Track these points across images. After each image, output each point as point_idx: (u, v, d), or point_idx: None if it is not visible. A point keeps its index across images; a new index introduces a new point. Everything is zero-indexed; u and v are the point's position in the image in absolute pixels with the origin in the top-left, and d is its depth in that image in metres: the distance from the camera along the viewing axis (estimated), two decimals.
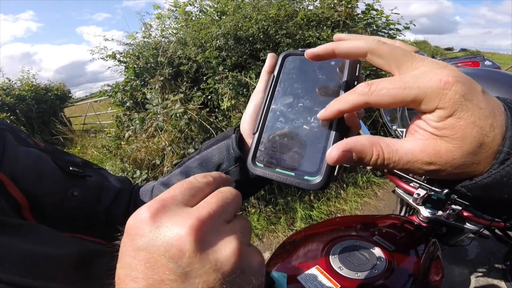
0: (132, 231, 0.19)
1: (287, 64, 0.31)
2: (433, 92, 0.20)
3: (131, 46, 2.95)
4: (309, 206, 2.36)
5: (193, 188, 0.21)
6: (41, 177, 0.37)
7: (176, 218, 0.19)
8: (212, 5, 3.13)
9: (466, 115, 0.19)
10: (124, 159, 2.44)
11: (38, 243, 0.29)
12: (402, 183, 0.80)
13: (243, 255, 0.19)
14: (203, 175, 0.23)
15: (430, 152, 0.21)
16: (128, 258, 0.19)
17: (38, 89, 6.86)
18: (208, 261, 0.18)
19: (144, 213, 0.19)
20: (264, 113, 0.30)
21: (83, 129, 6.55)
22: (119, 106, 3.03)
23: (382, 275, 0.59)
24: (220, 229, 0.20)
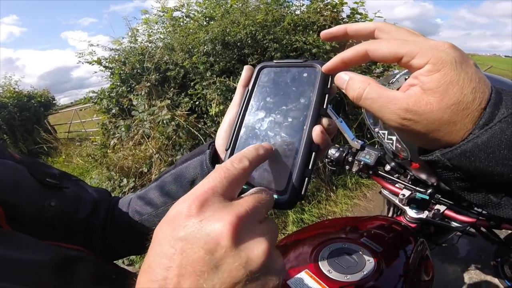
0: (175, 221, 0.20)
1: (262, 77, 0.30)
2: (427, 48, 0.22)
3: (117, 51, 2.92)
4: (300, 209, 2.36)
5: (229, 176, 0.22)
6: (17, 188, 0.37)
7: (217, 213, 0.20)
8: (200, 10, 3.14)
9: (452, 74, 0.21)
10: (111, 167, 2.39)
11: (15, 249, 0.29)
12: (387, 184, 0.81)
13: (271, 256, 0.21)
14: (239, 159, 0.23)
15: (410, 100, 0.22)
16: (166, 246, 0.20)
17: (20, 96, 6.61)
18: (240, 257, 0.19)
19: (189, 207, 0.20)
20: (237, 129, 0.29)
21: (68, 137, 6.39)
22: (104, 113, 2.98)
23: (372, 276, 0.60)
24: (254, 229, 0.21)
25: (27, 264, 0.29)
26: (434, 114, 0.21)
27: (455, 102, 0.21)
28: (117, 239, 0.47)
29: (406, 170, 0.79)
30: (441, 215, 0.74)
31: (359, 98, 0.24)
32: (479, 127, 0.20)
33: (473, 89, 0.21)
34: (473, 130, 0.21)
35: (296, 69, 0.28)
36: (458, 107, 0.21)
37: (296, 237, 0.77)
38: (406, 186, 0.76)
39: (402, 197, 0.75)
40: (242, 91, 0.33)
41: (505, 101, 0.21)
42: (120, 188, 2.30)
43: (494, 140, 0.20)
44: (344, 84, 0.25)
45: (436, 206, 0.74)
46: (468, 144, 0.21)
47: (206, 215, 0.20)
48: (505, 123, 0.20)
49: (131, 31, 2.96)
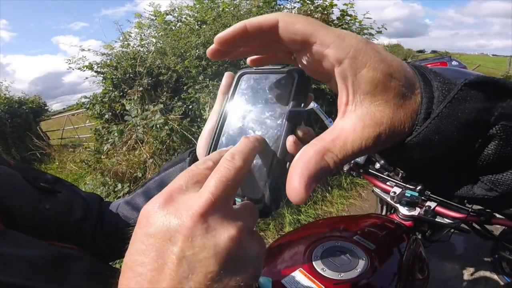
0: (144, 220, 0.20)
1: (242, 84, 0.30)
2: (346, 37, 0.19)
3: (109, 56, 2.90)
4: (297, 210, 2.37)
5: (194, 175, 0.22)
6: (12, 192, 0.39)
7: (181, 207, 0.20)
8: (192, 14, 3.14)
9: (381, 66, 0.19)
10: (105, 173, 2.37)
11: (11, 245, 0.30)
12: (378, 183, 0.82)
13: (242, 242, 0.20)
14: (203, 161, 0.23)
15: (370, 124, 0.19)
16: (138, 244, 0.20)
17: (11, 102, 6.49)
18: (207, 246, 0.19)
19: (155, 204, 0.20)
20: (216, 137, 0.28)
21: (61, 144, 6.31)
22: (97, 119, 2.95)
23: (365, 274, 0.60)
24: (222, 214, 0.20)
25: (22, 259, 0.30)
26: (393, 119, 0.19)
27: (400, 97, 0.19)
28: (106, 242, 0.49)
29: (396, 168, 0.80)
30: (433, 212, 0.75)
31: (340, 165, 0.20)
32: (422, 119, 0.19)
33: (405, 77, 0.19)
34: (416, 123, 0.19)
35: (274, 75, 0.28)
36: (404, 102, 0.19)
37: (290, 237, 0.78)
38: (397, 183, 0.77)
39: (393, 194, 0.76)
40: (222, 99, 0.33)
41: (433, 81, 0.20)
42: (114, 193, 2.28)
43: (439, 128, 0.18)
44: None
45: (427, 203, 0.75)
46: (419, 136, 0.19)
47: (171, 210, 0.20)
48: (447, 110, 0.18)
49: (123, 36, 2.96)
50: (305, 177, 0.19)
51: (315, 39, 0.19)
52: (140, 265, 0.19)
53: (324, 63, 0.20)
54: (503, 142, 0.18)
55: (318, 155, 0.19)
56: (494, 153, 0.19)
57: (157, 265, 0.19)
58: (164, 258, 0.19)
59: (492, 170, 0.20)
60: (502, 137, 0.18)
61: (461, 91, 0.18)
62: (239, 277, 0.20)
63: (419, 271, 0.73)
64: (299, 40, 0.20)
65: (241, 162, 0.22)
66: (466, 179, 0.21)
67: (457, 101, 0.18)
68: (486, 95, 0.19)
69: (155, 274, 0.19)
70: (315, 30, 0.19)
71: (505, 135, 0.18)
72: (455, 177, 0.22)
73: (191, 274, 0.18)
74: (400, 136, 0.20)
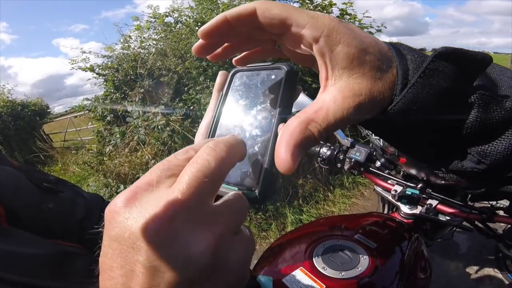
0: (107, 221, 0.18)
1: (235, 81, 0.31)
2: (319, 18, 0.20)
3: (110, 58, 2.93)
4: (299, 210, 2.37)
5: (170, 168, 0.19)
6: (17, 192, 0.40)
7: (144, 207, 0.17)
8: (192, 15, 3.15)
9: (354, 42, 0.19)
10: (107, 174, 2.38)
11: (15, 243, 0.31)
12: (379, 181, 0.82)
13: (219, 249, 0.18)
14: (185, 150, 0.21)
15: (349, 95, 0.20)
16: (106, 247, 0.18)
17: (14, 105, 6.55)
18: (175, 257, 0.17)
19: (117, 203, 0.18)
20: (212, 132, 0.30)
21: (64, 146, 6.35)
22: (99, 121, 2.97)
23: (366, 273, 0.60)
24: (195, 217, 0.18)
25: (27, 257, 0.30)
26: (372, 90, 0.20)
27: (377, 69, 0.20)
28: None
29: (396, 166, 0.80)
30: (434, 210, 0.75)
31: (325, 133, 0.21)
32: (400, 90, 0.20)
33: (380, 52, 0.20)
34: (395, 93, 0.20)
35: (265, 71, 0.29)
36: (382, 75, 0.20)
37: (291, 236, 0.78)
38: (398, 182, 0.77)
39: (394, 193, 0.76)
40: (217, 96, 0.34)
41: (406, 55, 0.21)
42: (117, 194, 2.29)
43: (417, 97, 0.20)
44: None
45: (428, 201, 0.75)
46: (399, 104, 0.20)
47: (133, 211, 0.17)
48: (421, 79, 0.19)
49: (123, 38, 2.98)
50: (291, 146, 0.19)
51: (291, 21, 0.20)
52: (110, 269, 0.18)
53: (303, 43, 0.21)
54: (482, 109, 0.19)
55: (302, 125, 0.20)
56: (475, 121, 0.19)
57: (125, 270, 0.17)
58: (131, 265, 0.17)
59: (478, 142, 0.20)
60: (480, 104, 0.19)
61: (432, 62, 0.19)
62: (221, 282, 0.18)
63: (421, 270, 0.73)
64: (276, 24, 0.20)
65: (225, 153, 0.20)
66: (454, 152, 0.22)
67: (430, 71, 0.19)
68: (457, 65, 0.20)
69: (125, 279, 0.17)
70: (290, 14, 0.20)
71: (483, 102, 0.19)
72: (444, 150, 0.22)
73: (161, 284, 0.17)
74: (380, 106, 0.21)
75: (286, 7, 0.21)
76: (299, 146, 0.20)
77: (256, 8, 0.20)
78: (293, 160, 0.19)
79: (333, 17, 0.20)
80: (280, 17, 0.20)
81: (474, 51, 0.20)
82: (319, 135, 0.20)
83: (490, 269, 1.55)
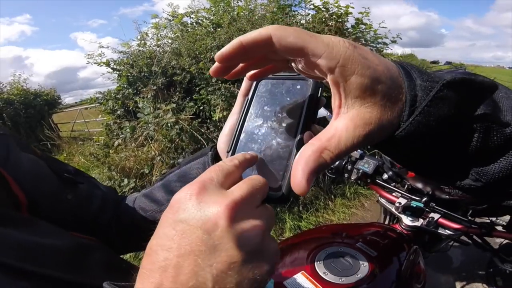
0: (176, 205, 0.22)
1: (260, 88, 0.33)
2: (334, 47, 0.20)
3: (126, 54, 2.97)
4: (298, 217, 2.37)
5: (223, 170, 0.24)
6: (39, 180, 0.40)
7: (214, 198, 0.21)
8: (208, 16, 3.19)
9: (368, 72, 0.20)
10: (112, 167, 2.41)
11: (36, 234, 0.31)
12: (384, 193, 0.84)
13: (265, 238, 0.22)
14: (230, 159, 0.26)
15: (360, 124, 0.21)
16: (167, 228, 0.21)
17: (27, 94, 6.68)
18: (236, 237, 0.20)
19: (188, 192, 0.22)
20: (237, 134, 0.31)
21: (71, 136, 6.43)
22: (109, 114, 3.01)
23: (366, 280, 0.62)
24: (249, 212, 0.22)
25: (46, 248, 0.31)
26: (382, 119, 0.21)
27: (388, 99, 0.21)
28: (121, 234, 0.50)
29: (403, 179, 0.82)
30: (435, 223, 0.76)
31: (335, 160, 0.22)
32: (407, 115, 0.21)
33: (391, 79, 0.21)
34: (402, 119, 0.21)
35: (291, 81, 0.31)
36: (391, 104, 0.21)
37: (292, 241, 0.79)
38: (403, 194, 0.79)
39: (398, 205, 0.78)
40: (242, 100, 0.36)
41: (416, 80, 0.22)
42: (120, 188, 2.31)
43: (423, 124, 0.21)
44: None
45: (430, 214, 0.77)
46: (404, 131, 0.21)
47: (205, 199, 0.21)
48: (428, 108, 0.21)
49: (140, 35, 3.03)
50: (306, 172, 0.22)
51: (307, 50, 0.21)
52: (168, 250, 0.20)
53: (318, 71, 0.22)
54: (483, 135, 0.21)
55: (316, 153, 0.22)
56: (476, 145, 0.22)
57: (184, 251, 0.20)
58: (192, 245, 0.20)
59: (478, 163, 0.23)
60: (481, 131, 0.21)
61: (440, 91, 0.21)
62: (257, 270, 0.21)
63: (416, 281, 0.74)
64: (293, 52, 0.22)
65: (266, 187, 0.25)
66: (457, 171, 0.24)
67: (437, 99, 0.21)
68: (464, 94, 0.21)
69: (180, 260, 0.20)
70: (306, 42, 0.21)
71: (484, 129, 0.21)
72: (447, 169, 0.24)
73: (215, 262, 0.20)
74: (388, 132, 0.22)
75: (301, 34, 0.21)
76: (313, 172, 0.22)
77: (271, 35, 0.21)
78: (307, 184, 0.22)
79: (349, 43, 0.21)
80: (296, 46, 0.21)
81: (481, 78, 0.22)
82: (331, 161, 0.22)
83: (479, 284, 1.55)
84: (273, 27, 0.22)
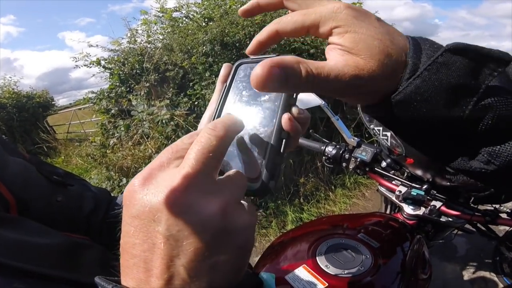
0: (127, 201, 0.20)
1: (239, 73, 0.31)
2: (326, 15, 0.22)
3: (116, 52, 2.93)
4: (299, 209, 2.38)
5: (178, 151, 0.21)
6: (28, 183, 0.40)
7: (160, 184, 0.19)
8: (199, 11, 3.15)
9: (361, 30, 0.21)
10: (110, 167, 2.40)
11: (28, 233, 0.31)
12: (384, 181, 0.82)
13: (228, 214, 0.20)
14: (189, 135, 0.23)
15: (352, 65, 0.21)
16: (126, 226, 0.20)
17: (19, 97, 6.60)
18: (192, 222, 0.19)
19: (135, 183, 0.20)
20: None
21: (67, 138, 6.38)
22: (104, 114, 2.99)
23: (369, 272, 0.60)
24: (205, 187, 0.20)
25: (38, 247, 0.30)
26: (376, 72, 0.21)
27: (385, 55, 0.21)
28: (112, 234, 0.50)
29: (402, 167, 0.80)
30: (438, 212, 0.75)
31: (313, 83, 0.21)
32: (406, 79, 0.21)
33: (391, 41, 0.21)
34: (401, 82, 0.21)
35: None
36: (388, 61, 0.21)
37: (293, 234, 0.78)
38: (403, 182, 0.77)
39: (398, 193, 0.76)
40: (221, 87, 0.34)
41: (424, 50, 0.21)
42: (119, 187, 2.31)
43: (421, 89, 0.20)
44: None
45: (432, 202, 0.75)
46: (400, 95, 0.21)
47: (150, 188, 0.19)
48: (427, 72, 0.20)
49: (130, 32, 2.98)
50: (269, 65, 0.20)
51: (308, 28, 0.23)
52: (132, 247, 0.19)
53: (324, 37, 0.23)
54: (498, 111, 0.19)
55: (293, 59, 0.21)
56: (489, 122, 0.20)
57: (148, 245, 0.19)
58: (152, 238, 0.19)
59: (490, 142, 0.20)
60: (497, 106, 0.19)
61: (442, 56, 0.19)
62: (229, 249, 0.20)
63: (422, 271, 0.73)
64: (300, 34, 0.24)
65: (223, 131, 0.21)
66: (463, 151, 0.22)
67: (439, 65, 0.19)
68: (470, 62, 0.19)
69: (147, 254, 0.19)
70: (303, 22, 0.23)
71: (500, 105, 0.19)
72: (453, 148, 0.22)
73: (181, 252, 0.19)
74: (382, 92, 0.22)
75: (296, 17, 0.23)
76: (279, 68, 0.20)
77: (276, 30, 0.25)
78: (267, 76, 0.20)
79: (343, 5, 0.22)
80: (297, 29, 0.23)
81: (490, 49, 0.20)
82: (305, 75, 0.20)
83: (487, 272, 1.56)
84: (276, 22, 0.24)
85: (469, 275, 1.57)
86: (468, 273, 1.58)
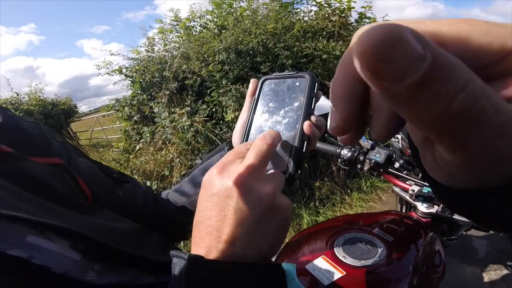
0: (207, 184, 0.29)
1: (265, 87, 0.39)
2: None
3: (136, 60, 3.04)
4: (315, 212, 2.40)
5: (238, 153, 0.30)
6: (96, 180, 0.46)
7: (231, 172, 0.28)
8: (212, 19, 3.23)
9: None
10: (134, 171, 2.52)
11: (108, 220, 0.38)
12: (398, 181, 0.86)
13: (276, 196, 0.28)
14: (243, 144, 0.32)
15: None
16: (205, 203, 0.28)
17: (45, 104, 6.90)
18: (253, 198, 0.27)
19: (214, 172, 0.28)
20: (248, 128, 0.37)
21: (90, 144, 6.65)
22: (126, 120, 3.12)
23: (383, 263, 0.65)
24: (259, 177, 0.28)
25: (118, 230, 0.37)
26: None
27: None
28: (158, 224, 0.56)
29: (414, 167, 0.84)
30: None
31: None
32: None
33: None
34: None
35: (291, 79, 0.37)
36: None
37: (309, 230, 0.83)
38: (416, 182, 0.81)
39: (412, 192, 0.80)
40: (250, 100, 0.42)
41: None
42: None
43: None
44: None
45: None
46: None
47: (225, 175, 0.28)
48: None
49: (148, 40, 3.09)
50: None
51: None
52: (209, 218, 0.27)
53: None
54: None
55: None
56: None
57: (221, 216, 0.27)
58: (225, 211, 0.27)
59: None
60: None
61: None
62: (275, 222, 0.28)
63: (434, 267, 0.76)
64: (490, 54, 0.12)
65: (271, 140, 0.30)
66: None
67: None
68: None
69: (220, 223, 0.27)
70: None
71: None
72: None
73: (244, 220, 0.26)
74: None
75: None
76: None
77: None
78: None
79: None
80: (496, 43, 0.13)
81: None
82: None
83: (508, 274, 1.53)
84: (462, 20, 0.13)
85: (490, 277, 1.55)
86: (489, 275, 1.56)
